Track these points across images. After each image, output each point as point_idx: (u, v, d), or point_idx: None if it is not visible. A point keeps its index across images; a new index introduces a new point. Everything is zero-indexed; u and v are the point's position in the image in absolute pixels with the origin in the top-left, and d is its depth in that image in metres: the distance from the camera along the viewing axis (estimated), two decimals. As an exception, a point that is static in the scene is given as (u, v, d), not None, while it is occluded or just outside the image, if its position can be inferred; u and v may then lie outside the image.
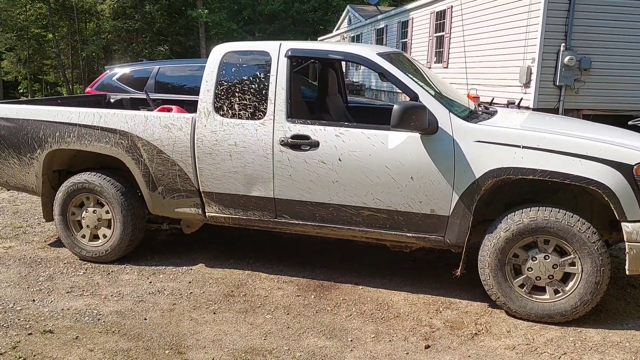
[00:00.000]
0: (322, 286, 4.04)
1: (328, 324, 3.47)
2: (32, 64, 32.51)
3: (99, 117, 4.16)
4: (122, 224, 4.25)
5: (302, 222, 3.90)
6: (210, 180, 3.98)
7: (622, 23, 9.40)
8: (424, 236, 3.67)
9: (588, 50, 9.43)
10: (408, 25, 16.37)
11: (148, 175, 4.11)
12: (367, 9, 24.04)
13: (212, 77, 3.99)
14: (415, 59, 4.78)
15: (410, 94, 3.61)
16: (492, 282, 3.51)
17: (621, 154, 3.26)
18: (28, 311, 3.58)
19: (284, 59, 3.87)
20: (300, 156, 3.75)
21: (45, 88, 36.23)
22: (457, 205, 3.50)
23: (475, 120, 3.68)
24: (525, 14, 9.74)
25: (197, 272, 4.26)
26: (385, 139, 3.59)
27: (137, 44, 30.18)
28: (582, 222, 3.31)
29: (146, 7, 29.13)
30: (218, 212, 4.09)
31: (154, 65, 7.71)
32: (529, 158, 3.33)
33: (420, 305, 3.75)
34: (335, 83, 4.93)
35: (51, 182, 4.49)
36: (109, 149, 4.14)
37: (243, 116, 3.88)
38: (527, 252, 3.45)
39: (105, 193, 4.24)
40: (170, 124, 4.02)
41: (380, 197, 3.64)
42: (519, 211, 3.43)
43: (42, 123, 4.29)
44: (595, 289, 3.33)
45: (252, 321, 3.49)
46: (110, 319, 3.49)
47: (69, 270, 4.28)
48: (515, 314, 3.52)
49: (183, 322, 3.47)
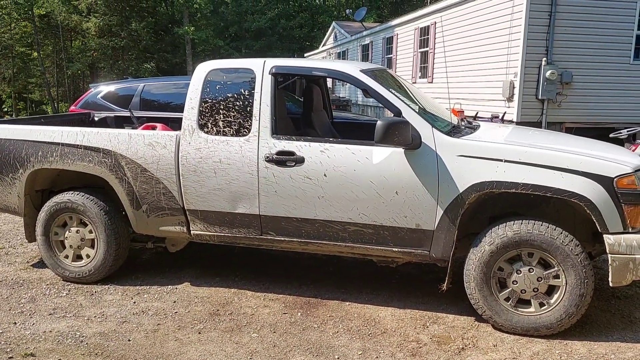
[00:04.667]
0: (309, 303, 4.02)
1: (315, 342, 3.44)
2: (17, 82, 32.32)
3: (82, 135, 4.14)
4: (106, 244, 4.21)
5: (288, 239, 3.89)
6: (195, 197, 3.96)
7: (602, 37, 9.60)
8: (410, 251, 3.67)
9: (569, 64, 9.60)
10: (393, 41, 16.56)
11: (132, 194, 4.08)
12: (352, 25, 24.27)
13: (196, 94, 3.99)
14: (399, 75, 4.83)
15: (394, 109, 3.64)
16: (477, 296, 3.51)
17: (602, 167, 3.30)
18: (9, 334, 3.51)
19: (268, 76, 3.89)
20: (286, 172, 3.75)
21: (30, 106, 35.98)
22: (442, 220, 3.52)
23: (458, 134, 3.71)
24: (507, 29, 9.91)
25: (182, 291, 4.22)
26: (369, 155, 3.61)
27: (123, 61, 30.18)
28: (565, 234, 3.34)
29: (132, 24, 29.20)
30: (203, 230, 4.06)
31: (139, 82, 7.70)
32: (511, 172, 3.37)
33: (407, 321, 3.74)
34: (320, 99, 4.96)
35: (34, 202, 4.44)
36: (93, 167, 4.11)
37: (228, 133, 3.88)
38: (511, 265, 3.47)
39: (89, 212, 4.19)
40: (155, 141, 4.00)
41: (366, 212, 3.64)
42: (503, 225, 3.45)
43: (24, 142, 4.25)
44: (579, 301, 3.35)
45: (238, 340, 3.45)
46: (94, 340, 3.43)
47: (51, 291, 4.21)
48: (501, 327, 3.53)
49: (168, 342, 3.42)
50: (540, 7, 9.34)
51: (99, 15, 29.76)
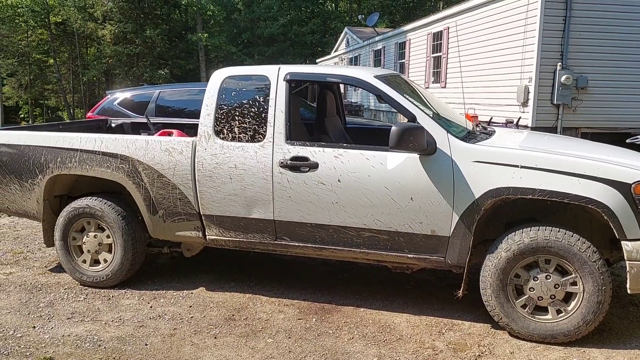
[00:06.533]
0: (324, 309, 4.02)
1: (330, 348, 3.44)
2: (34, 89, 32.84)
3: (100, 142, 4.19)
4: (123, 249, 4.25)
5: (302, 244, 3.90)
6: (211, 203, 4.00)
7: (618, 42, 9.50)
8: (425, 257, 3.66)
9: (584, 68, 9.52)
10: (405, 46, 16.55)
11: (149, 199, 4.12)
12: (364, 31, 24.30)
13: (212, 101, 4.03)
14: (412, 80, 4.83)
15: (408, 115, 3.65)
16: (494, 303, 3.49)
17: (619, 173, 3.27)
18: (29, 338, 3.56)
19: (282, 83, 3.92)
20: (300, 177, 3.77)
21: (46, 112, 36.51)
22: (458, 226, 3.51)
23: (474, 140, 3.70)
24: (521, 34, 9.87)
25: (197, 296, 4.25)
26: (384, 160, 3.61)
27: (137, 68, 30.51)
28: (583, 241, 3.31)
29: (147, 31, 29.53)
30: (218, 235, 4.09)
31: (154, 89, 7.79)
32: (528, 178, 3.35)
33: (422, 327, 3.73)
34: (333, 105, 4.98)
35: (52, 208, 4.51)
36: (110, 173, 4.16)
37: (243, 139, 3.91)
38: (528, 272, 3.45)
39: (106, 217, 4.24)
40: (171, 147, 4.05)
41: (381, 218, 3.64)
42: (520, 231, 3.43)
43: (43, 149, 4.32)
44: (597, 309, 3.31)
45: (254, 345, 3.47)
46: (111, 344, 3.47)
47: (69, 295, 4.26)
48: (518, 334, 3.50)
49: (184, 347, 3.45)
50: (555, 11, 9.29)
51: (114, 23, 30.16)
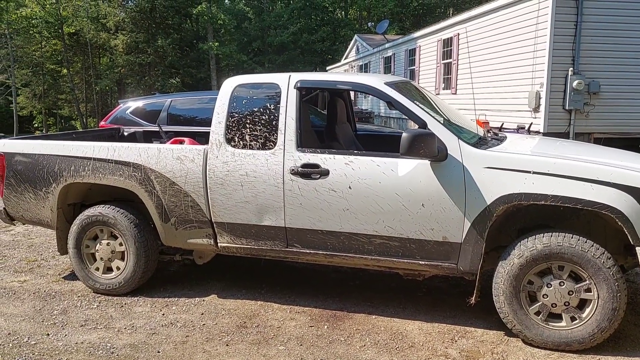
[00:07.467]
0: (335, 316, 4.01)
1: (342, 355, 3.43)
2: (47, 98, 33.27)
3: (112, 150, 4.24)
4: (136, 256, 4.28)
5: (314, 251, 3.90)
6: (222, 210, 4.02)
7: (630, 46, 9.44)
8: (437, 264, 3.65)
9: (596, 74, 9.47)
10: (415, 53, 16.56)
11: (161, 207, 4.15)
12: (374, 38, 24.37)
13: (223, 109, 4.06)
14: (422, 86, 4.83)
15: (419, 121, 3.65)
16: (507, 310, 3.46)
17: (633, 178, 3.24)
18: (42, 345, 3.59)
19: (293, 91, 3.94)
20: (311, 185, 3.78)
21: (59, 122, 36.95)
22: (469, 232, 3.49)
23: (485, 146, 3.69)
24: (532, 39, 9.83)
25: (209, 303, 4.26)
26: (395, 167, 3.61)
27: (149, 77, 30.83)
28: (596, 247, 3.28)
29: (158, 41, 29.85)
30: (230, 242, 4.10)
31: (166, 98, 7.87)
32: (540, 183, 3.33)
33: (435, 335, 3.70)
34: (344, 112, 4.99)
35: (66, 216, 4.56)
36: (123, 181, 4.20)
37: (254, 146, 3.94)
38: (541, 278, 3.41)
39: (119, 225, 4.28)
40: (183, 155, 4.08)
41: (392, 225, 3.64)
42: (532, 237, 3.40)
43: (57, 157, 4.37)
44: (612, 316, 3.27)
45: (265, 353, 3.47)
46: (124, 352, 3.49)
47: (82, 303, 4.30)
48: (531, 342, 3.46)
49: (196, 354, 3.46)
50: (566, 16, 9.26)
51: (126, 33, 30.53)
